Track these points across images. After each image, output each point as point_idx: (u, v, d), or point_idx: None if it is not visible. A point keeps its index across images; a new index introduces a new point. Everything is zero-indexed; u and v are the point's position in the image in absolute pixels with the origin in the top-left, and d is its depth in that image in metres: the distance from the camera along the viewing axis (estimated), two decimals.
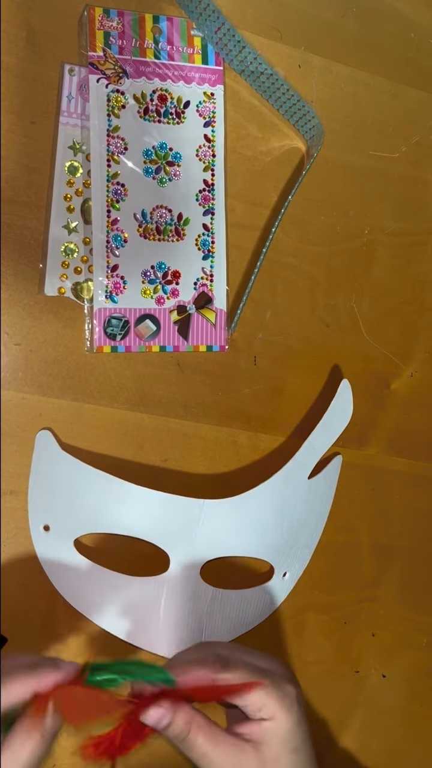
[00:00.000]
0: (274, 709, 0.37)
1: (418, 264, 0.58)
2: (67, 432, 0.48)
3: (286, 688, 0.38)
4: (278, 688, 0.37)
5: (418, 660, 0.59)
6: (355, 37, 0.55)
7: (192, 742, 0.36)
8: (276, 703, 0.37)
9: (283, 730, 0.37)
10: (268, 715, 0.37)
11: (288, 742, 0.37)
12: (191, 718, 0.36)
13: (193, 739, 0.36)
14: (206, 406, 0.52)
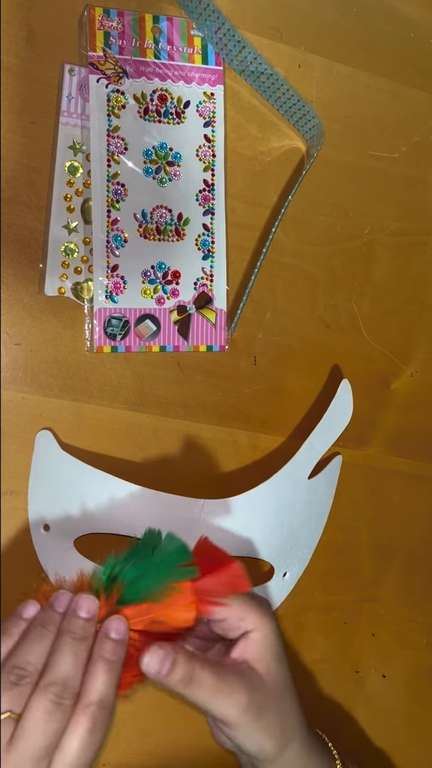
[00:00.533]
0: (254, 618, 0.37)
1: (418, 264, 0.58)
2: (67, 432, 0.48)
3: (259, 598, 0.39)
4: (252, 599, 0.39)
5: (418, 660, 0.59)
6: (355, 37, 0.55)
7: (199, 681, 0.35)
8: (255, 610, 0.38)
9: (267, 638, 0.38)
10: (251, 626, 0.37)
11: (273, 649, 0.38)
12: (192, 655, 0.35)
13: (199, 677, 0.35)
14: (206, 406, 0.52)
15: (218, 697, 0.35)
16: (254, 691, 0.36)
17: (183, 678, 0.35)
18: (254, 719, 0.36)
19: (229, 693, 0.36)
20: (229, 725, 0.37)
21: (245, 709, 0.36)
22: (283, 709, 0.38)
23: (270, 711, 0.37)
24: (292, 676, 0.40)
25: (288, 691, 0.39)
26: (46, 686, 0.32)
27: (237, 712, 0.36)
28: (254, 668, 0.37)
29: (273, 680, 0.38)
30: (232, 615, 0.37)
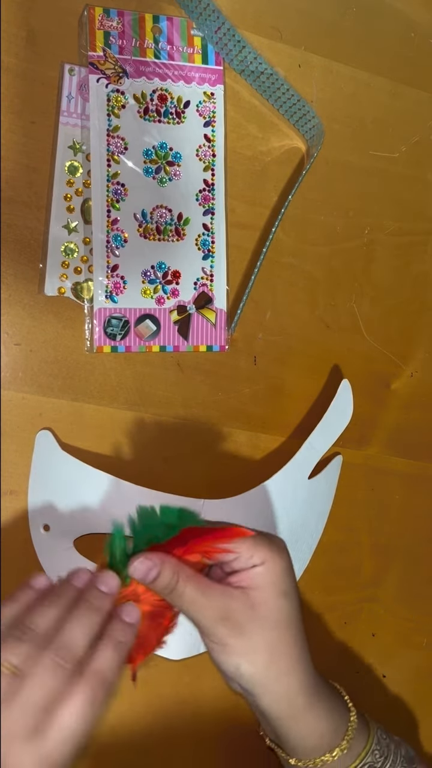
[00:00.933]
0: (264, 554, 0.38)
1: (418, 264, 0.58)
2: (67, 432, 0.48)
3: (276, 539, 0.40)
4: (268, 538, 0.40)
5: (418, 660, 0.59)
6: (355, 37, 0.55)
7: (181, 591, 0.37)
8: (267, 548, 0.39)
9: (274, 573, 0.38)
10: (259, 561, 0.38)
11: (277, 585, 0.39)
12: (178, 568, 0.37)
13: (181, 588, 0.37)
14: (206, 406, 0.52)
15: (195, 606, 0.37)
16: (235, 611, 0.38)
17: (165, 587, 0.37)
18: (230, 635, 0.38)
19: (206, 605, 0.37)
20: (206, 634, 0.38)
21: (219, 620, 0.37)
22: (274, 642, 0.39)
23: (253, 636, 0.38)
24: (300, 617, 0.40)
25: (286, 628, 0.39)
26: (53, 647, 0.32)
27: (211, 622, 0.38)
28: (248, 595, 0.38)
29: (266, 611, 0.38)
30: (243, 551, 0.38)
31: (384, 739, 0.44)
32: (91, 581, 0.36)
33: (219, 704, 0.51)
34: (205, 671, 0.51)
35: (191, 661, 0.50)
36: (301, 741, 0.41)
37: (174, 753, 0.51)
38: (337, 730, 0.41)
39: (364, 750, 0.42)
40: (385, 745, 0.43)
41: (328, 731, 0.41)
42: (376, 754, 0.43)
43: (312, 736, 0.41)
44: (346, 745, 0.41)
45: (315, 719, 0.40)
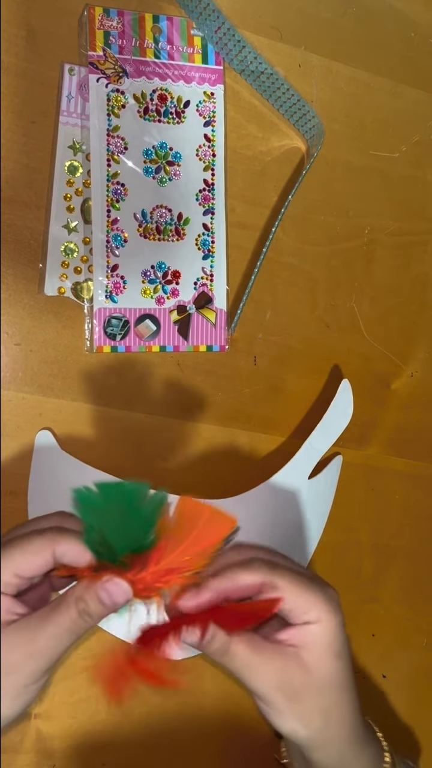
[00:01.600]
0: (320, 612, 0.36)
1: (418, 264, 0.58)
2: (67, 432, 0.48)
3: (330, 591, 0.38)
4: (323, 591, 0.37)
5: (418, 660, 0.59)
6: (355, 36, 0.55)
7: (234, 653, 0.35)
8: (322, 605, 0.36)
9: (328, 633, 0.36)
10: (314, 618, 0.36)
11: (332, 645, 0.37)
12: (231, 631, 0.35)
13: (234, 650, 0.35)
14: (206, 406, 0.52)
15: (250, 670, 0.36)
16: (291, 675, 0.36)
17: (218, 650, 0.35)
18: (286, 701, 0.36)
19: (262, 670, 0.36)
20: (261, 699, 0.37)
21: (276, 687, 0.36)
22: (328, 705, 0.37)
23: (309, 700, 0.37)
24: (352, 676, 0.39)
25: (341, 689, 0.38)
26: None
27: (266, 689, 0.36)
28: (301, 656, 0.37)
29: (320, 674, 0.37)
30: (298, 607, 0.36)
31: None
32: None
33: (219, 704, 0.51)
34: (205, 671, 0.51)
35: (191, 661, 0.50)
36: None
37: (174, 753, 0.51)
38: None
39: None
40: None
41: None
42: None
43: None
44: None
45: (358, 765, 0.40)
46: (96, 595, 0.34)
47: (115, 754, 0.49)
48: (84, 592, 0.34)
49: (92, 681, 0.37)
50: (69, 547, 0.34)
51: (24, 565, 0.34)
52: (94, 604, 0.34)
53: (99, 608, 0.34)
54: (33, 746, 0.47)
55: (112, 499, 0.35)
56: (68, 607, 0.34)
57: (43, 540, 0.34)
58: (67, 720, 0.48)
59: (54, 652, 0.34)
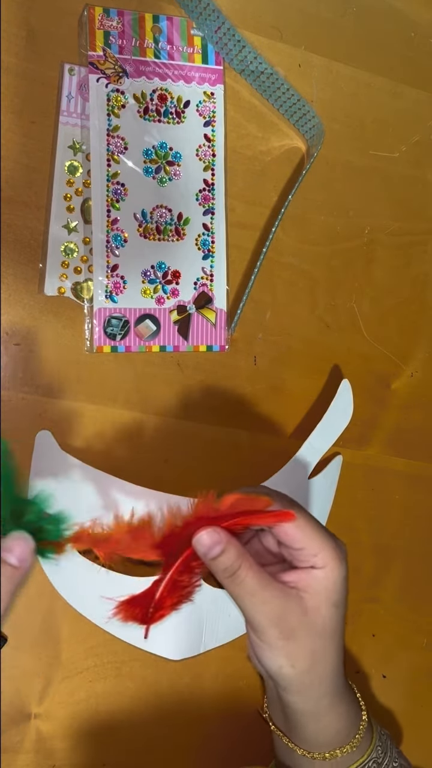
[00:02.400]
0: (328, 558, 0.38)
1: (418, 264, 0.58)
2: (67, 432, 0.48)
3: (341, 543, 0.40)
4: (335, 541, 0.39)
5: (418, 660, 0.59)
6: (355, 36, 0.55)
7: (242, 578, 0.36)
8: (332, 552, 0.38)
9: (331, 581, 0.38)
10: (321, 563, 0.38)
11: (332, 594, 0.38)
12: (243, 553, 0.36)
13: (243, 575, 0.36)
14: (206, 406, 0.52)
15: (253, 600, 0.37)
16: (289, 614, 0.37)
17: (227, 569, 0.36)
18: (280, 637, 0.38)
19: (264, 602, 0.37)
20: (256, 631, 0.38)
21: (274, 622, 0.37)
22: (317, 649, 0.39)
23: (301, 641, 0.38)
24: (343, 627, 0.40)
25: (330, 637, 0.39)
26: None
27: (265, 622, 0.37)
28: (301, 598, 0.38)
29: (316, 618, 0.38)
30: (309, 547, 0.38)
31: (383, 735, 0.45)
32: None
33: (219, 704, 0.51)
34: (205, 671, 0.51)
35: (191, 661, 0.50)
36: (316, 736, 0.42)
37: (174, 753, 0.51)
38: (350, 728, 0.43)
39: (370, 747, 0.43)
40: (384, 740, 0.45)
41: (343, 729, 0.42)
42: (379, 749, 0.44)
43: (328, 732, 0.42)
44: (356, 743, 0.42)
45: (335, 718, 0.42)
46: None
47: (115, 754, 0.49)
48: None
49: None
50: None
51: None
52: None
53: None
54: (33, 746, 0.47)
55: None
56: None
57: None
58: (67, 720, 0.48)
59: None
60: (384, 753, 0.44)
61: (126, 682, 0.49)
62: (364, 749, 0.43)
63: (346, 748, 0.42)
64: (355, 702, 0.44)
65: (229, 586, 0.37)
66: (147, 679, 0.50)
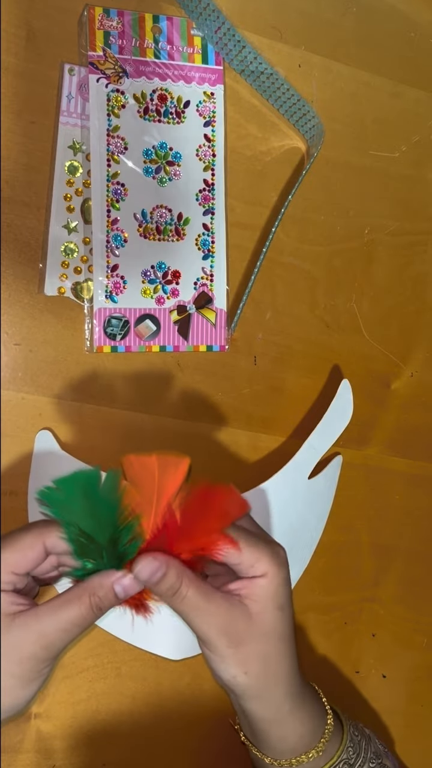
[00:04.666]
0: (266, 566, 0.38)
1: (418, 264, 0.58)
2: (67, 432, 0.48)
3: (277, 548, 0.40)
4: (271, 548, 0.39)
5: (418, 660, 0.59)
6: (355, 36, 0.55)
7: (183, 595, 0.37)
8: (269, 560, 0.39)
9: (273, 586, 0.39)
10: (260, 572, 0.39)
11: (276, 598, 0.39)
12: (182, 571, 0.37)
13: (184, 592, 0.37)
14: (206, 406, 0.52)
15: (197, 613, 0.37)
16: (235, 622, 0.38)
17: (169, 589, 0.37)
18: (230, 645, 0.38)
19: (208, 614, 0.37)
20: (205, 643, 0.39)
21: (221, 631, 0.38)
22: (267, 653, 0.39)
23: (250, 646, 0.38)
24: (292, 629, 0.41)
25: (281, 639, 0.40)
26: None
27: (211, 632, 0.38)
28: (246, 605, 0.38)
29: (263, 623, 0.39)
30: (246, 560, 0.38)
31: (356, 735, 0.45)
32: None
33: (219, 704, 0.51)
34: (205, 671, 0.51)
35: (191, 661, 0.50)
36: (280, 743, 0.42)
37: (174, 753, 0.51)
38: (315, 732, 0.43)
39: (339, 749, 0.44)
40: (357, 741, 0.45)
41: (307, 733, 0.42)
42: (350, 751, 0.44)
43: (291, 738, 0.42)
44: (321, 747, 0.42)
45: (297, 723, 0.42)
46: (111, 589, 0.36)
47: (115, 754, 0.49)
48: (98, 588, 0.35)
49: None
50: (57, 538, 0.36)
51: (19, 562, 0.35)
52: (108, 598, 0.36)
53: (112, 602, 0.36)
54: (33, 746, 0.47)
55: (71, 490, 0.36)
56: (80, 601, 0.35)
57: (32, 535, 0.36)
58: (67, 720, 0.48)
59: (63, 644, 0.35)
60: (356, 754, 0.44)
61: (126, 682, 0.49)
62: (332, 752, 0.43)
63: (312, 753, 0.42)
64: (318, 706, 0.44)
65: (172, 605, 0.38)
66: (147, 679, 0.50)
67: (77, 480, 0.36)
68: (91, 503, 0.36)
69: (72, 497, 0.36)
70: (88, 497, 0.36)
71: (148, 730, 0.50)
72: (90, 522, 0.36)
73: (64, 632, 0.35)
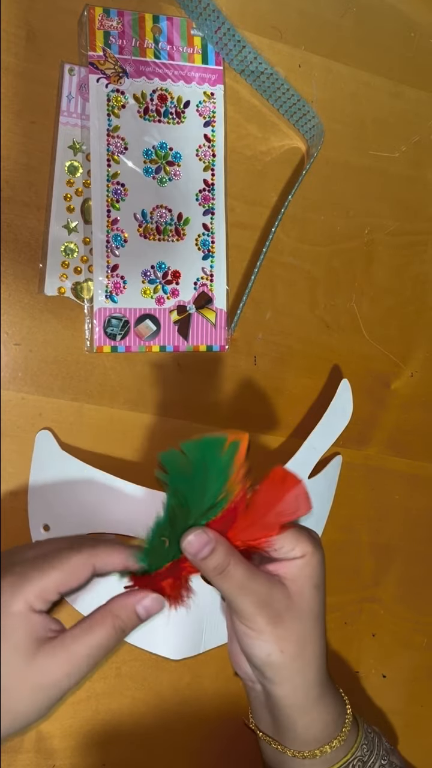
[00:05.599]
0: (305, 547, 0.40)
1: (418, 264, 0.58)
2: (67, 432, 0.48)
3: (313, 532, 0.42)
4: (307, 531, 0.41)
5: (418, 660, 0.59)
6: (355, 36, 0.55)
7: (231, 573, 0.38)
8: (308, 541, 0.40)
9: (311, 567, 0.40)
10: (300, 553, 0.40)
11: (312, 577, 0.40)
12: (231, 550, 0.38)
13: (233, 570, 0.38)
14: (206, 406, 0.52)
15: (242, 592, 0.38)
16: (276, 600, 0.39)
17: (216, 567, 0.37)
18: (269, 623, 0.39)
19: (252, 592, 0.38)
20: (245, 619, 0.39)
21: (261, 608, 0.39)
22: (304, 633, 0.40)
23: (288, 625, 0.40)
24: (324, 610, 0.42)
25: (315, 619, 0.41)
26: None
27: (253, 609, 0.39)
28: (285, 585, 0.40)
29: (301, 602, 0.40)
30: (286, 545, 0.39)
31: (369, 733, 0.46)
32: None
33: (219, 704, 0.51)
34: (205, 671, 0.51)
35: (191, 661, 0.50)
36: (306, 731, 0.42)
37: (174, 753, 0.51)
38: (337, 721, 0.43)
39: (356, 743, 0.44)
40: (371, 738, 0.45)
41: (331, 722, 0.43)
42: (364, 747, 0.44)
43: (317, 726, 0.42)
44: (343, 737, 0.43)
45: (323, 710, 0.42)
46: (133, 611, 0.36)
47: (115, 754, 0.49)
48: (120, 610, 0.36)
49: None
50: (108, 558, 0.36)
51: (67, 583, 0.35)
52: (131, 620, 0.36)
53: (135, 623, 0.37)
54: (33, 746, 0.47)
55: (197, 457, 0.37)
56: (104, 625, 0.36)
57: (83, 556, 0.36)
58: (67, 720, 0.48)
59: (88, 669, 0.36)
60: (370, 751, 0.44)
61: (126, 682, 0.49)
62: (350, 745, 0.44)
63: (335, 742, 0.42)
64: (338, 694, 0.45)
65: (217, 582, 0.38)
66: (147, 679, 0.50)
67: (203, 444, 0.37)
68: (209, 470, 0.36)
69: (193, 463, 0.36)
70: (210, 464, 0.36)
71: (148, 730, 0.50)
72: (198, 493, 0.37)
73: (89, 657, 0.35)
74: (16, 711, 0.34)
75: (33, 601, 0.34)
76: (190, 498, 0.37)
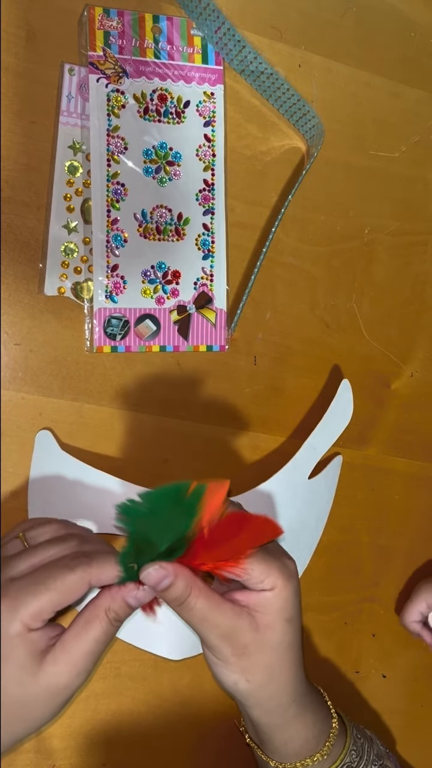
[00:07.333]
0: (275, 579, 0.38)
1: (418, 264, 0.58)
2: (67, 432, 0.48)
3: (287, 561, 0.40)
4: (279, 560, 0.39)
5: (418, 660, 0.59)
6: (355, 36, 0.55)
7: (192, 605, 0.37)
8: (278, 573, 0.38)
9: (282, 599, 0.39)
10: (269, 586, 0.38)
11: (284, 611, 0.39)
12: (192, 581, 0.37)
13: (193, 602, 0.37)
14: (206, 406, 0.52)
15: (205, 624, 0.38)
16: (241, 632, 0.38)
17: (176, 598, 0.37)
18: (233, 654, 0.38)
19: (216, 625, 0.37)
20: (210, 649, 0.39)
21: (226, 640, 0.38)
22: (272, 663, 0.39)
23: (254, 657, 0.38)
24: (300, 638, 0.41)
25: (286, 650, 0.39)
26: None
27: (217, 639, 0.38)
28: (253, 616, 0.38)
29: (270, 635, 0.39)
30: (255, 576, 0.38)
31: (359, 738, 0.46)
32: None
33: (219, 704, 0.51)
34: (205, 671, 0.51)
35: (191, 661, 0.50)
36: (285, 746, 0.42)
37: (174, 753, 0.51)
38: (320, 735, 0.43)
39: (344, 750, 0.44)
40: (360, 744, 0.45)
41: (312, 737, 0.42)
42: (353, 754, 0.44)
43: (296, 742, 0.42)
44: (326, 751, 0.43)
45: (302, 727, 0.42)
46: (123, 600, 0.36)
47: (114, 754, 0.49)
48: (111, 601, 0.36)
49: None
50: (102, 574, 0.36)
51: (62, 602, 0.35)
52: (123, 609, 0.36)
53: (128, 611, 0.36)
54: (33, 746, 0.47)
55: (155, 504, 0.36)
56: (99, 618, 0.36)
57: (76, 576, 0.35)
58: (67, 720, 0.48)
59: (92, 664, 0.36)
60: (359, 757, 0.44)
61: (126, 682, 0.49)
62: (336, 755, 0.43)
63: (317, 756, 0.42)
64: (323, 709, 0.44)
65: (179, 613, 0.38)
66: (147, 679, 0.50)
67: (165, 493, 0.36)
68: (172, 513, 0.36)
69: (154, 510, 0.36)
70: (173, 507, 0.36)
71: (148, 730, 0.50)
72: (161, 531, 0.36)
73: (91, 653, 0.35)
74: (33, 719, 0.35)
75: (29, 623, 0.34)
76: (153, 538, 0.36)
